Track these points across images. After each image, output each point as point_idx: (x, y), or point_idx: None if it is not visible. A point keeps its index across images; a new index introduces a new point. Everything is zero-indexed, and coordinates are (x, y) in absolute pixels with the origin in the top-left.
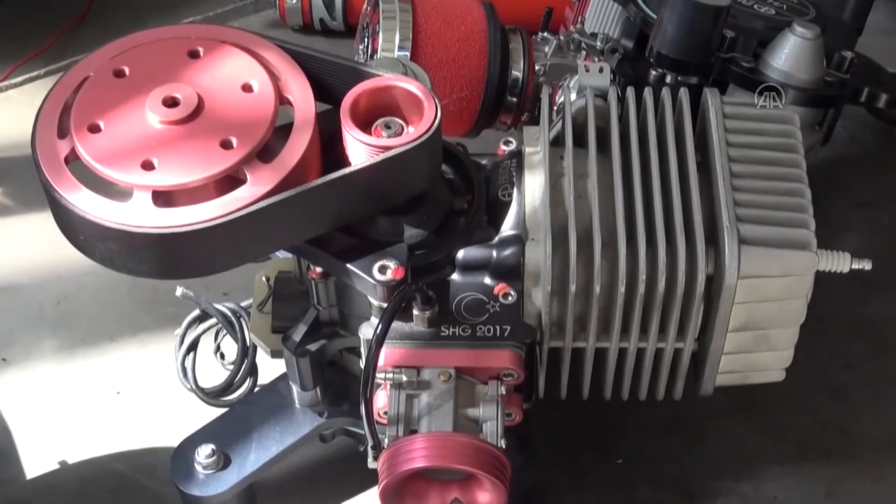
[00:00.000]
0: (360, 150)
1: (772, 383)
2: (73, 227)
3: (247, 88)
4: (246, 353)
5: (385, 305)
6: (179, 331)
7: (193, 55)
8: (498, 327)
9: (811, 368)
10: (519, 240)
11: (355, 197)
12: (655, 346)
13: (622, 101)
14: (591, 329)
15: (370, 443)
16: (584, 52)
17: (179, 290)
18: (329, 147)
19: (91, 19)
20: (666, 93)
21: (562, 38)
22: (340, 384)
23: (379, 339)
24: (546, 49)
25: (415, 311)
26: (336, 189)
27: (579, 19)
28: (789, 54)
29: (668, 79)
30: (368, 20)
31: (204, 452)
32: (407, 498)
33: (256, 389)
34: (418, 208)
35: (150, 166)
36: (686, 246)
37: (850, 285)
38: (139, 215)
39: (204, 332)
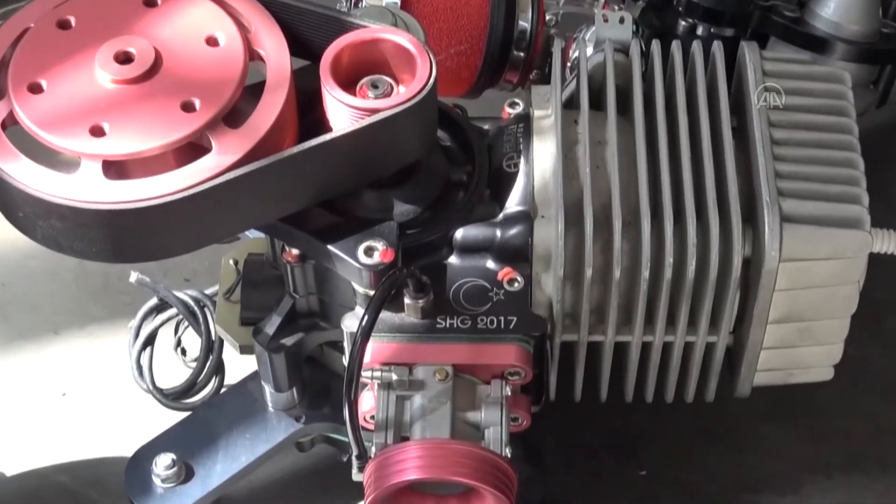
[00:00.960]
0: (343, 113)
1: (818, 383)
2: (10, 202)
3: (211, 42)
4: (211, 348)
5: (372, 293)
6: (134, 323)
7: (150, 3)
8: (502, 318)
9: (864, 365)
10: (527, 217)
11: (337, 168)
12: (684, 340)
13: (646, 56)
14: (609, 320)
15: (355, 452)
16: (602, 0)
17: (134, 276)
18: (307, 110)
19: None
20: (697, 47)
21: None
22: (320, 384)
23: (365, 332)
24: None
25: (406, 300)
26: (315, 158)
27: None
28: (840, 2)
29: (700, 30)
30: None
31: (163, 463)
32: None
33: (223, 390)
34: (410, 181)
35: (100, 132)
36: (720, 224)
37: None
38: (87, 188)
39: (162, 324)
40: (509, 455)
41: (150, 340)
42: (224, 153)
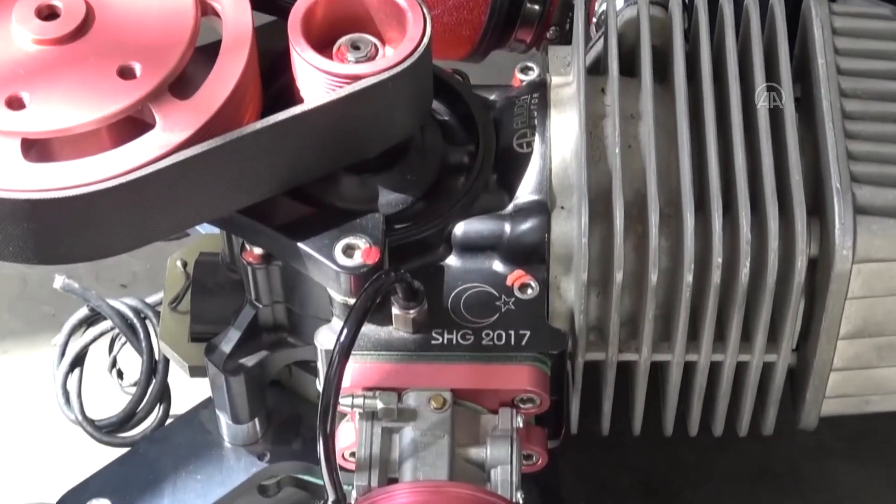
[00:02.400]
0: (317, 80)
1: None
2: None
3: None
4: (154, 369)
5: (352, 302)
6: (59, 339)
7: None
8: (513, 333)
9: None
10: (542, 208)
11: (310, 148)
12: (736, 360)
13: (689, 10)
14: (644, 335)
15: (331, 497)
16: None
17: (59, 281)
18: (273, 77)
19: None
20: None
21: None
22: (289, 414)
23: (344, 350)
24: None
25: (395, 310)
26: (283, 137)
27: None
28: None
29: None
30: None
31: None
32: None
33: (169, 421)
34: (399, 164)
35: (19, 104)
36: (780, 217)
37: None
38: (2, 173)
39: (94, 340)
40: (521, 501)
41: (78, 360)
42: (171, 130)
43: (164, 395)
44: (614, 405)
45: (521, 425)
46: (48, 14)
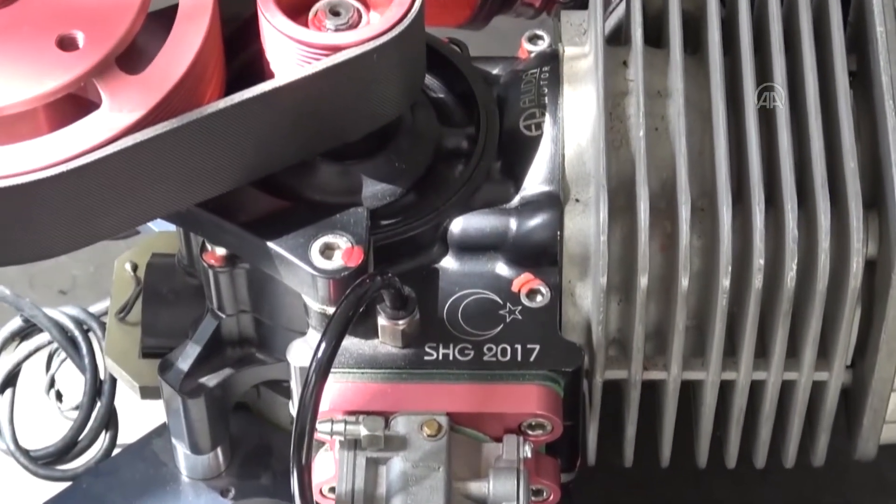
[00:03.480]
0: (290, 52)
1: None
2: None
3: None
4: (99, 390)
5: (331, 311)
6: None
7: None
8: (520, 347)
9: None
10: (554, 201)
11: (282, 131)
12: (781, 378)
13: None
14: (674, 349)
15: None
16: None
17: None
18: (238, 48)
19: None
20: None
21: None
22: (257, 443)
23: (322, 368)
24: None
25: (381, 321)
26: (250, 118)
27: None
28: None
29: None
30: None
31: None
32: None
33: (117, 452)
34: (386, 150)
35: None
36: (832, 211)
37: None
38: None
39: (28, 356)
40: None
41: (10, 380)
42: (119, 109)
43: (110, 421)
44: (639, 431)
45: (529, 455)
46: None
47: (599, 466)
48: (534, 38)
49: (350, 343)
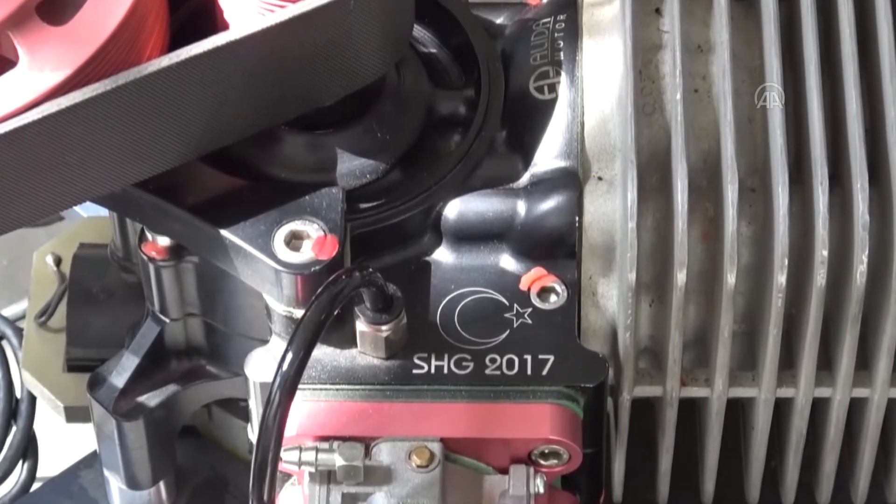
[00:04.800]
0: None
1: None
2: None
3: None
4: (15, 412)
5: (299, 314)
6: None
7: None
8: (529, 358)
9: None
10: (572, 179)
11: (238, 95)
12: (849, 395)
13: None
14: (717, 361)
15: None
16: None
17: None
18: None
19: None
20: None
21: None
22: (208, 475)
23: (288, 384)
24: None
25: (361, 327)
26: (199, 79)
27: None
28: None
29: None
30: None
31: None
32: None
33: (37, 486)
34: (366, 117)
35: None
36: None
37: None
38: None
39: None
40: None
41: None
42: (40, 68)
43: (28, 449)
44: (675, 461)
45: (541, 490)
46: None
47: (627, 503)
48: None
49: (322, 353)
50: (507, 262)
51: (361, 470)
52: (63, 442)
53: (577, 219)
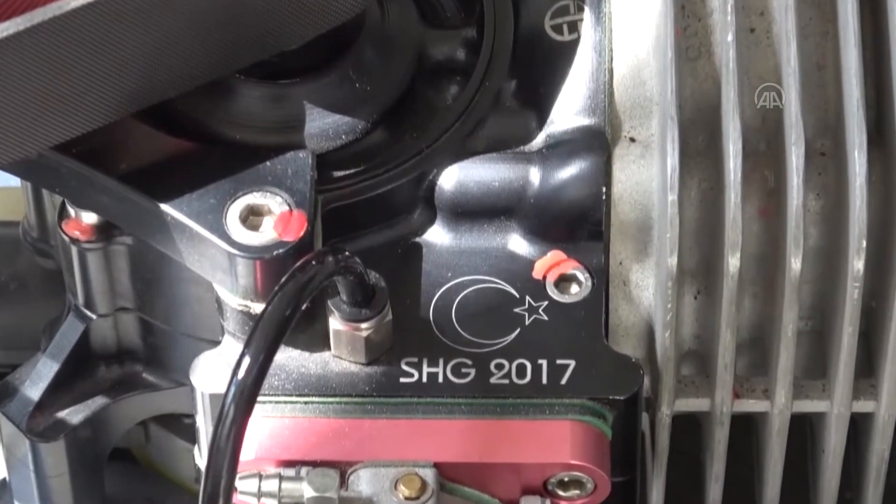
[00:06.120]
0: None
1: None
2: None
3: None
4: None
5: (259, 309)
6: None
7: None
8: (545, 364)
9: None
10: (598, 141)
11: (183, 36)
12: None
13: None
14: (779, 366)
15: None
16: None
17: None
18: None
19: None
20: None
21: None
22: None
23: (245, 395)
24: None
25: (334, 324)
26: (134, 17)
27: None
28: None
29: None
30: None
31: None
32: None
33: None
34: (341, 63)
35: None
36: None
37: None
38: None
39: None
40: None
41: None
42: None
43: None
44: (726, 490)
45: None
46: None
47: None
48: None
49: (287, 358)
50: (518, 243)
51: (336, 502)
52: None
53: (603, 190)
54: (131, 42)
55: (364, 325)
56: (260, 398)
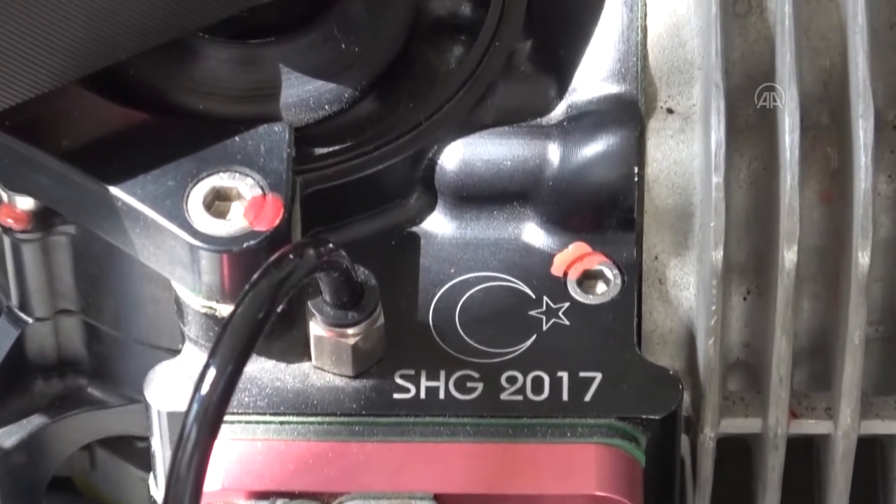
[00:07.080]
0: None
1: None
2: None
3: None
4: None
5: (227, 311)
6: None
7: None
8: (565, 377)
9: None
10: (629, 113)
11: None
12: None
13: None
14: (844, 381)
15: None
16: None
17: None
18: None
19: None
20: None
21: None
22: None
23: (209, 414)
24: None
25: (316, 330)
26: None
27: None
28: None
29: None
30: None
31: None
32: None
33: None
34: (323, 21)
35: None
36: None
37: None
38: None
39: None
40: None
41: None
42: None
43: None
44: None
45: None
46: None
47: None
48: None
49: (260, 369)
50: (533, 234)
51: None
52: None
53: (636, 170)
54: (52, 7)
55: (351, 331)
56: (227, 417)
